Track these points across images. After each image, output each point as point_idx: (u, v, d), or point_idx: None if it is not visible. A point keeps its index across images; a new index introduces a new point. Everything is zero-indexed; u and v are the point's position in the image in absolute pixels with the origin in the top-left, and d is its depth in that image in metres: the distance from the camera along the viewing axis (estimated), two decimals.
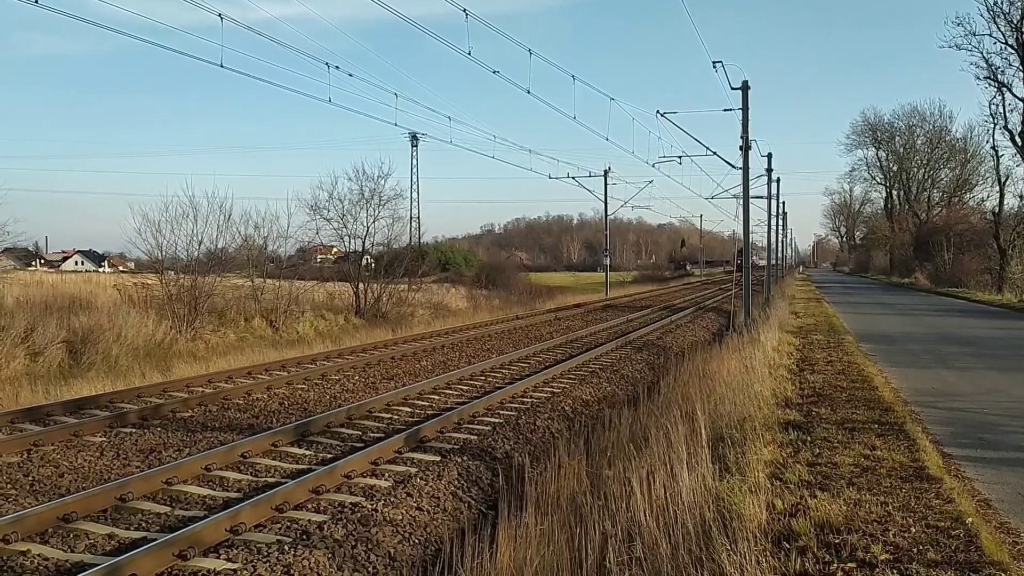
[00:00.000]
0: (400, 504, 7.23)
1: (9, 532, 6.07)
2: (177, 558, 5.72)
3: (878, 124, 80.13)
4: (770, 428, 8.48)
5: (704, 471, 6.36)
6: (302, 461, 8.69)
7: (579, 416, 11.73)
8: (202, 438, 9.58)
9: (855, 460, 7.30)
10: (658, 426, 7.94)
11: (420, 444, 9.28)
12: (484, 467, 8.75)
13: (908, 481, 6.67)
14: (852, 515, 5.68)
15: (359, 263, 30.64)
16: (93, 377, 14.41)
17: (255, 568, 5.63)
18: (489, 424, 10.50)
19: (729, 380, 10.35)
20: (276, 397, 12.24)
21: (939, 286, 52.51)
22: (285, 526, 6.56)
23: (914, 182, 79.64)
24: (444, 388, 13.15)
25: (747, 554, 4.71)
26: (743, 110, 23.65)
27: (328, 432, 9.91)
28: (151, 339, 18.88)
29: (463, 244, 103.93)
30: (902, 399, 11.04)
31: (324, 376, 14.24)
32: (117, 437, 9.53)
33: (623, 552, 5.11)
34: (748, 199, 24.87)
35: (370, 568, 6.05)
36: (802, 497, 6.09)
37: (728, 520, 5.38)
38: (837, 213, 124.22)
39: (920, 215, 76.76)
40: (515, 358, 16.87)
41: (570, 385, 13.72)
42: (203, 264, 23.03)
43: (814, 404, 10.11)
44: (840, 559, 4.87)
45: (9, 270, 37.84)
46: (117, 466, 8.38)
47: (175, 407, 11.03)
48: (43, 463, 8.34)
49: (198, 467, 8.04)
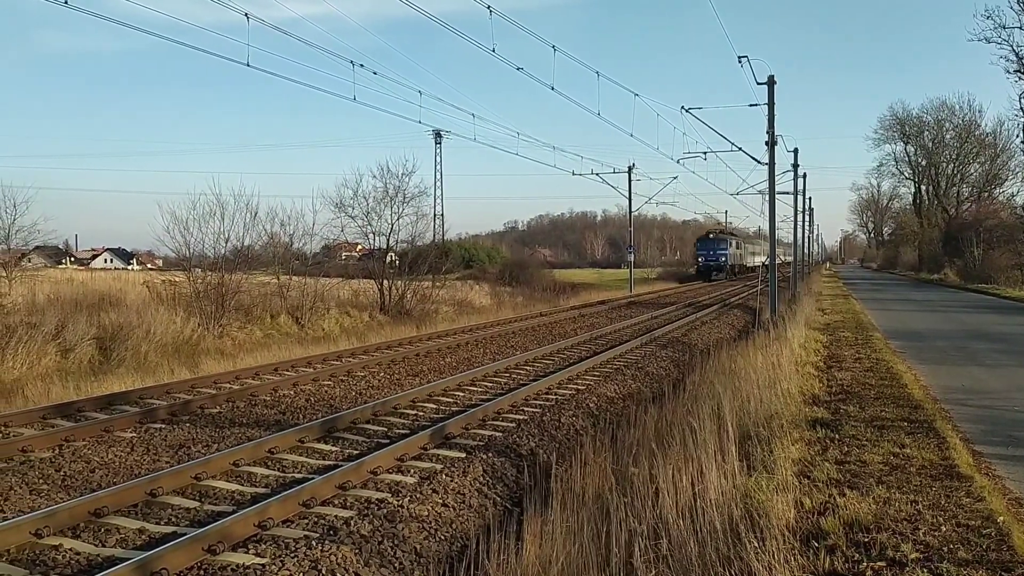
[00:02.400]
0: (426, 500, 7.26)
1: (41, 526, 6.15)
2: (207, 552, 5.78)
3: (906, 119, 79.05)
4: (798, 426, 8.43)
5: (732, 469, 6.33)
6: (329, 457, 8.74)
7: (604, 413, 11.70)
8: (230, 434, 9.67)
9: (884, 458, 7.24)
10: (684, 423, 7.90)
11: (445, 440, 9.31)
12: (509, 464, 8.76)
13: (938, 479, 6.60)
14: (882, 513, 5.63)
15: (383, 260, 30.76)
16: (123, 373, 14.60)
17: (283, 563, 5.67)
18: (514, 421, 10.50)
19: (756, 377, 10.28)
20: (302, 393, 12.33)
21: (968, 282, 51.79)
22: (312, 521, 6.61)
23: (943, 177, 78.54)
24: (469, 385, 13.18)
25: (776, 553, 4.68)
26: (769, 105, 23.48)
27: (354, 428, 9.97)
28: (179, 336, 19.08)
29: (487, 241, 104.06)
30: (932, 396, 10.92)
31: (350, 372, 14.32)
32: (147, 433, 9.64)
33: (650, 550, 5.10)
34: (774, 195, 24.72)
35: (396, 564, 6.08)
36: (831, 495, 6.05)
37: (756, 518, 5.35)
38: (865, 209, 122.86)
39: (949, 210, 75.74)
40: (539, 355, 16.87)
41: (595, 382, 13.70)
42: (230, 261, 23.22)
43: (842, 401, 10.03)
44: (870, 558, 4.83)
45: (40, 268, 38.41)
46: (147, 461, 8.48)
47: (203, 403, 11.14)
48: (74, 458, 8.46)
49: (226, 462, 8.11)
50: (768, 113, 23.50)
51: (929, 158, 78.82)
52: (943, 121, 76.44)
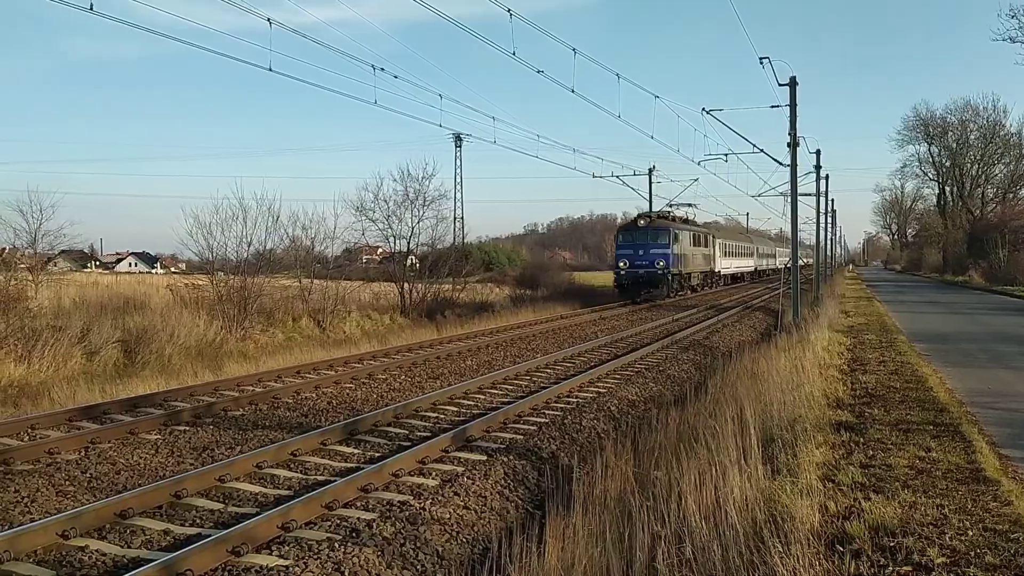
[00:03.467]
0: (447, 503, 7.27)
1: (68, 528, 6.22)
2: (231, 554, 5.82)
3: (930, 119, 78.19)
4: (821, 429, 8.36)
5: (755, 472, 6.29)
6: (351, 460, 8.78)
7: (625, 416, 11.67)
8: (253, 436, 9.73)
9: (910, 462, 7.17)
10: (707, 427, 7.87)
11: (467, 443, 9.31)
12: (530, 467, 8.75)
13: (965, 483, 6.52)
14: (908, 517, 5.58)
15: (404, 263, 30.88)
16: (147, 376, 14.73)
17: (306, 565, 5.70)
18: (535, 424, 10.50)
19: (778, 380, 10.21)
20: (324, 396, 12.39)
21: (994, 284, 51.16)
22: (335, 524, 6.63)
23: (967, 178, 77.69)
24: (489, 388, 13.19)
25: (800, 557, 4.65)
26: (791, 106, 23.32)
27: (376, 431, 10.00)
28: (203, 339, 19.24)
29: (507, 244, 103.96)
30: (957, 400, 10.80)
31: (371, 375, 14.37)
32: (171, 435, 9.72)
33: (673, 554, 5.07)
34: (796, 196, 24.51)
35: (418, 566, 6.09)
36: (856, 499, 6.00)
37: (780, 522, 5.32)
38: (888, 210, 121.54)
39: (974, 211, 74.89)
40: (560, 358, 16.84)
41: (616, 385, 13.66)
42: (252, 265, 23.41)
43: (867, 405, 9.94)
44: (895, 562, 4.79)
45: (66, 272, 38.87)
46: (172, 463, 8.56)
47: (227, 405, 11.22)
48: (100, 460, 8.54)
49: (250, 465, 8.17)
50: (790, 114, 23.34)
51: (953, 159, 77.97)
52: (967, 122, 75.63)
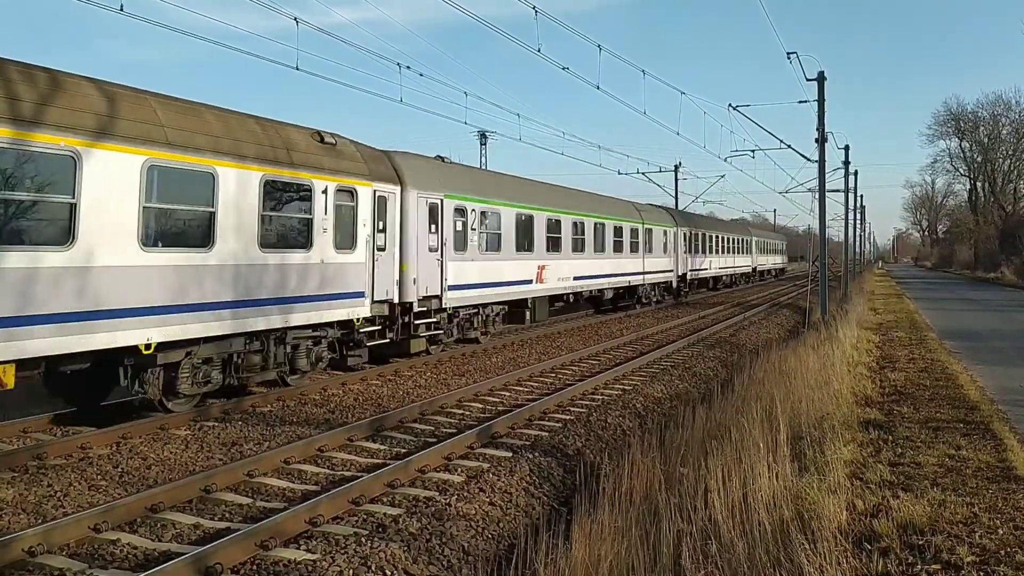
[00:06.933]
0: (473, 499, 7.30)
1: (100, 521, 6.33)
2: (259, 548, 5.89)
3: (961, 114, 77.20)
4: (850, 427, 8.31)
5: (783, 470, 6.26)
6: (377, 456, 8.83)
7: (651, 413, 11.64)
8: (281, 432, 9.82)
9: (939, 460, 7.10)
10: (734, 424, 7.83)
11: (492, 440, 9.34)
12: (556, 464, 8.76)
13: (995, 482, 6.46)
14: (936, 516, 5.53)
15: None
16: None
17: (333, 559, 5.75)
18: (560, 421, 10.50)
19: (807, 377, 10.14)
20: (351, 393, 12.47)
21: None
22: (361, 519, 6.68)
23: (999, 173, 76.58)
24: (515, 385, 13.21)
25: (827, 555, 4.62)
26: (819, 102, 23.09)
27: (401, 427, 10.06)
28: None
29: None
30: (988, 398, 10.67)
31: (397, 372, 14.44)
32: (201, 431, 9.84)
33: (699, 550, 5.06)
34: (824, 193, 24.27)
35: (444, 561, 6.13)
36: (884, 497, 5.96)
37: (807, 520, 5.29)
38: (918, 206, 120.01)
39: (1006, 207, 73.80)
40: (585, 355, 16.83)
41: (641, 382, 13.63)
42: None
43: (895, 403, 9.86)
44: (924, 560, 4.76)
45: None
46: (201, 458, 8.66)
47: (255, 402, 11.33)
48: (131, 455, 8.66)
49: (278, 460, 8.25)
50: (818, 109, 23.10)
51: (985, 154, 76.88)
52: (999, 116, 74.59)
